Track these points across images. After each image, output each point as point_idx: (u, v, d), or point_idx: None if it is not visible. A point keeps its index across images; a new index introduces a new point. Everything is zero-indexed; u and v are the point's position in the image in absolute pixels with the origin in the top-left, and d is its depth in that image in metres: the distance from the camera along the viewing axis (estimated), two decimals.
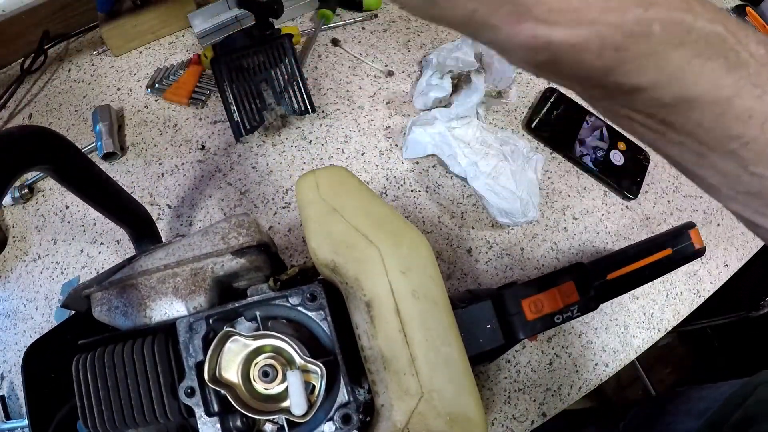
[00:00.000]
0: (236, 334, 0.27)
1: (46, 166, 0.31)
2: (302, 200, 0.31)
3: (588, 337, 0.52)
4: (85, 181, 0.35)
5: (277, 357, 0.27)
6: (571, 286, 0.34)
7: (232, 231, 0.32)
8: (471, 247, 0.54)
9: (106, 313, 0.31)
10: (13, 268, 0.51)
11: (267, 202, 0.55)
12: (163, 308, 0.30)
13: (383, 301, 0.28)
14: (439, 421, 0.27)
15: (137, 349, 0.28)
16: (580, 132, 0.62)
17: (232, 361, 0.27)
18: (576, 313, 0.33)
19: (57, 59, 0.63)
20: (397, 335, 0.28)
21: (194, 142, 0.58)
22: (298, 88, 0.57)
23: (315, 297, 0.29)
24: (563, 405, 0.49)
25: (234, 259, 0.31)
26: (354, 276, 0.29)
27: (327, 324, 0.29)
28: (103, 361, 0.28)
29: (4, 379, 0.47)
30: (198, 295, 0.30)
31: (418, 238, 0.31)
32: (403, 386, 0.27)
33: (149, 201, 0.54)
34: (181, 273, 0.31)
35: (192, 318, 0.28)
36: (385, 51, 0.66)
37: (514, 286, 0.34)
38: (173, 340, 0.29)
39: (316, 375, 0.27)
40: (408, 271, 0.29)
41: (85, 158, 0.34)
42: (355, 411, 0.27)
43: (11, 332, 0.48)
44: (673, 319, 0.54)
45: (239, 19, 0.62)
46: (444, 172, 0.58)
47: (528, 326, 0.33)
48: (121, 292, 0.31)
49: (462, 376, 0.28)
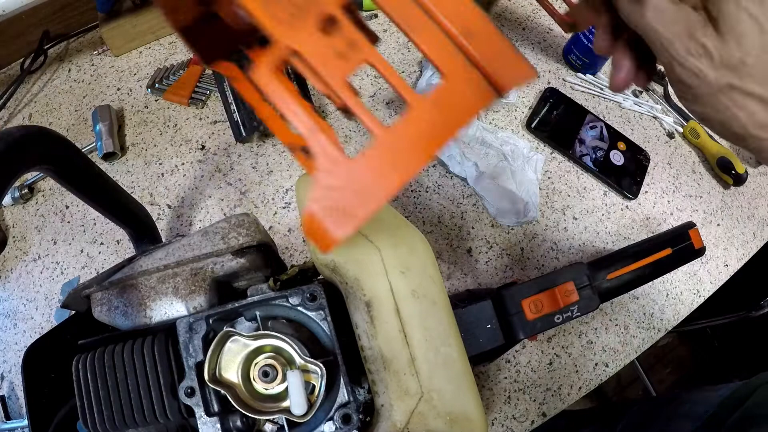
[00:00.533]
0: (236, 334, 0.27)
1: (47, 166, 0.31)
2: (302, 200, 0.31)
3: (588, 337, 0.52)
4: (86, 182, 0.35)
5: (277, 357, 0.27)
6: (571, 286, 0.34)
7: (232, 231, 0.32)
8: (471, 247, 0.54)
9: (106, 313, 0.31)
10: (13, 268, 0.51)
11: (267, 202, 0.55)
12: (163, 308, 0.30)
13: (383, 301, 0.28)
14: (439, 421, 0.27)
15: (137, 349, 0.28)
16: (580, 132, 0.62)
17: (232, 361, 0.27)
18: (576, 313, 0.33)
19: (57, 59, 0.63)
20: (397, 335, 0.28)
21: (194, 142, 0.58)
22: (299, 87, 0.57)
23: (315, 297, 0.29)
24: (563, 405, 0.49)
25: (234, 259, 0.31)
26: (354, 276, 0.29)
27: (327, 324, 0.29)
28: (103, 361, 0.28)
29: (4, 379, 0.47)
30: (198, 295, 0.30)
31: (418, 238, 0.30)
32: (403, 386, 0.27)
33: (149, 201, 0.54)
34: (181, 273, 0.31)
35: (192, 318, 0.28)
36: (385, 51, 0.66)
37: (514, 286, 0.34)
38: (173, 340, 0.29)
39: (316, 375, 0.27)
40: (408, 270, 0.29)
41: (86, 158, 0.34)
42: (355, 411, 0.27)
43: (11, 332, 0.48)
44: (673, 319, 0.54)
45: None
46: (444, 172, 0.58)
47: (528, 326, 0.33)
48: (121, 292, 0.31)
49: (462, 376, 0.28)
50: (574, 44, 0.66)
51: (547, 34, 0.72)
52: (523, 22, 0.72)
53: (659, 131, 0.67)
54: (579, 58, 0.66)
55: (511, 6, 0.73)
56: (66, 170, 0.33)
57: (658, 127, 0.67)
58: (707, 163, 0.66)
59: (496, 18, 0.72)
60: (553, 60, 0.69)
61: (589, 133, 0.63)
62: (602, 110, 0.66)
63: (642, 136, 0.65)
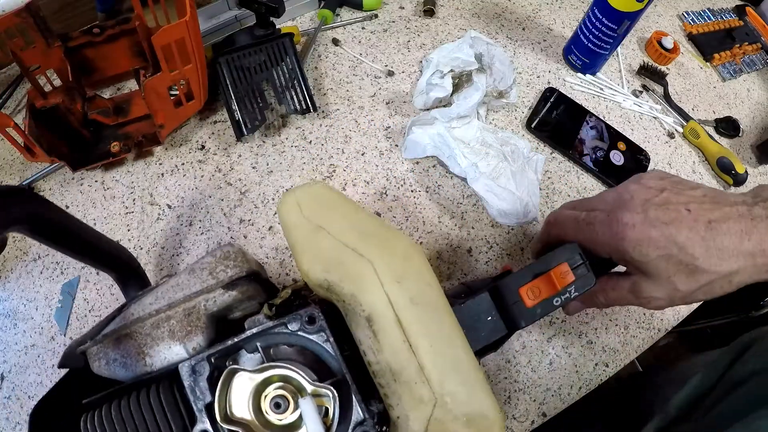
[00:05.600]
0: (241, 369, 0.27)
1: (21, 227, 0.29)
2: (286, 223, 0.30)
3: (588, 337, 0.52)
4: (63, 236, 0.34)
5: (287, 386, 0.27)
6: (565, 267, 0.33)
7: (219, 264, 0.31)
8: (471, 247, 0.54)
9: (105, 367, 0.30)
10: (13, 268, 0.51)
11: (267, 202, 0.55)
12: (162, 353, 0.29)
13: (383, 313, 0.28)
14: (457, 423, 0.27)
15: (143, 400, 0.28)
16: (580, 132, 0.62)
17: (241, 397, 0.27)
18: (574, 293, 0.33)
19: None
20: (402, 345, 0.27)
21: (194, 142, 0.58)
22: (300, 87, 0.57)
23: (313, 320, 0.28)
24: (563, 405, 0.49)
25: (226, 293, 0.30)
26: (350, 293, 0.28)
27: (330, 345, 0.28)
28: (111, 417, 0.27)
29: (5, 379, 0.47)
30: (195, 335, 0.29)
31: (409, 245, 0.30)
32: (416, 395, 0.27)
33: (149, 201, 0.54)
34: (175, 315, 0.30)
35: (193, 360, 0.28)
36: (385, 51, 0.66)
37: (509, 275, 0.34)
38: (178, 385, 0.28)
39: (328, 398, 0.27)
40: (403, 279, 0.28)
41: (62, 213, 0.33)
42: (372, 427, 0.27)
43: (11, 332, 0.48)
44: (673, 319, 0.54)
45: (239, 19, 0.62)
46: (444, 172, 0.58)
47: (528, 313, 0.33)
48: (117, 344, 0.30)
49: (472, 375, 0.28)
50: (574, 44, 0.66)
51: (547, 34, 0.72)
52: (523, 22, 0.72)
53: (659, 131, 0.67)
54: (579, 58, 0.66)
55: (511, 6, 0.73)
56: (42, 228, 0.31)
57: (658, 127, 0.67)
58: (707, 164, 0.66)
59: (497, 18, 0.72)
60: (553, 60, 0.69)
61: (589, 133, 0.63)
62: (602, 110, 0.66)
63: (642, 136, 0.66)
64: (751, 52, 0.78)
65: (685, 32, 0.78)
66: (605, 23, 0.60)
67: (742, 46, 0.78)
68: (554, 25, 0.73)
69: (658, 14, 0.79)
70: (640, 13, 0.57)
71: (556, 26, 0.73)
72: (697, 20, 0.80)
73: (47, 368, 0.47)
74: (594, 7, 0.60)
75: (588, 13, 0.62)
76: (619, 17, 0.58)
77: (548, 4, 0.75)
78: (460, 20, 0.70)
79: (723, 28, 0.79)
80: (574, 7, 0.75)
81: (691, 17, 0.80)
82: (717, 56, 0.76)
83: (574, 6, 0.76)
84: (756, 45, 0.79)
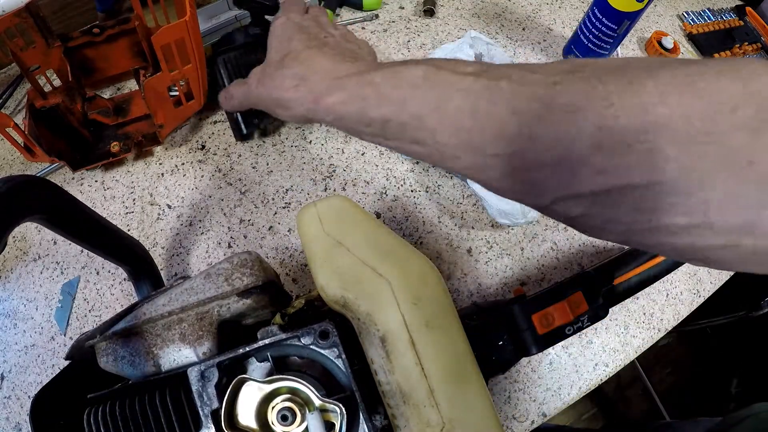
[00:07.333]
0: (250, 380, 0.27)
1: (38, 216, 0.29)
2: (305, 235, 0.30)
3: (588, 337, 0.52)
4: (80, 227, 0.34)
5: (294, 398, 0.27)
6: (579, 297, 0.34)
7: (235, 272, 0.31)
8: (471, 247, 0.54)
9: (112, 363, 0.30)
10: (13, 268, 0.51)
11: (267, 202, 0.55)
12: (171, 355, 0.29)
13: (398, 334, 0.28)
14: None
15: (150, 401, 0.28)
16: None
17: (248, 406, 0.27)
18: (587, 323, 0.33)
19: None
20: (414, 368, 0.27)
21: (194, 142, 0.58)
22: None
23: (327, 335, 0.28)
24: (563, 405, 0.49)
25: (240, 301, 0.30)
26: (366, 311, 0.28)
27: (342, 362, 0.28)
28: (116, 414, 0.28)
29: (5, 379, 0.47)
30: (206, 340, 0.29)
31: (427, 266, 0.30)
32: (424, 418, 0.27)
33: (149, 201, 0.54)
34: (187, 318, 0.30)
35: (203, 366, 0.28)
36: (385, 51, 0.66)
37: (522, 300, 0.34)
38: (185, 388, 0.28)
39: (335, 413, 0.27)
40: (419, 301, 0.28)
41: (79, 203, 0.33)
42: None
43: (11, 332, 0.48)
44: (673, 319, 0.54)
45: (239, 19, 0.62)
46: (444, 172, 0.58)
47: (540, 341, 0.33)
48: (127, 342, 0.30)
49: (481, 401, 0.28)
50: (574, 44, 0.66)
51: (547, 34, 0.72)
52: (523, 22, 0.72)
53: None
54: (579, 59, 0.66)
55: (511, 6, 0.73)
56: (58, 218, 0.31)
57: None
58: None
59: (497, 18, 0.72)
60: (553, 60, 0.69)
61: None
62: None
63: None
64: (751, 52, 0.78)
65: (685, 32, 0.78)
66: (605, 23, 0.60)
67: (742, 46, 0.78)
68: (554, 25, 0.73)
69: (658, 14, 0.79)
70: (640, 13, 0.58)
71: (556, 26, 0.73)
72: (697, 20, 0.80)
73: (47, 368, 0.47)
74: (594, 7, 0.60)
75: (588, 13, 0.62)
76: (619, 17, 0.58)
77: (548, 4, 0.75)
78: (460, 20, 0.70)
79: (723, 28, 0.79)
80: (574, 7, 0.75)
81: (691, 17, 0.80)
82: (717, 56, 0.76)
83: (574, 6, 0.76)
84: (756, 45, 0.79)
